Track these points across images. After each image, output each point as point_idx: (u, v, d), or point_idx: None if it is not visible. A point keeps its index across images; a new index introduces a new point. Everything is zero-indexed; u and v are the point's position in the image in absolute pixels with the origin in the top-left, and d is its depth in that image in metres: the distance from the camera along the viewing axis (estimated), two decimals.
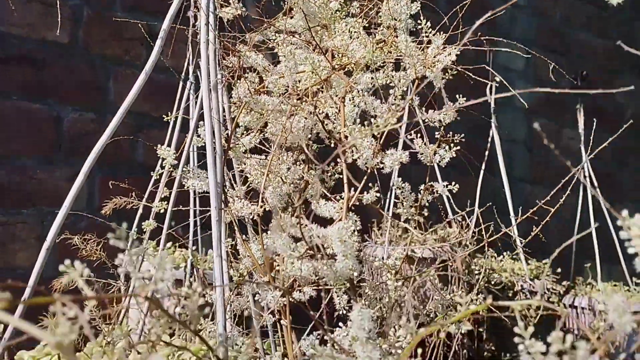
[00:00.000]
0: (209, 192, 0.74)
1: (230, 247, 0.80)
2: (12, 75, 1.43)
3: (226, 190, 0.80)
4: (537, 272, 1.77)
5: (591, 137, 1.77)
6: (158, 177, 1.02)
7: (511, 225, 1.42)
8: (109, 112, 1.54)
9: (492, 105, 1.86)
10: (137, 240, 1.05)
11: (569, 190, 1.40)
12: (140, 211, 1.08)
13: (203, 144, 0.88)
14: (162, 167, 1.01)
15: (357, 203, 0.65)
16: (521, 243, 1.60)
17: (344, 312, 0.56)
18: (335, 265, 0.53)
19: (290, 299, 0.60)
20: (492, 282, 1.67)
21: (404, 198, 0.68)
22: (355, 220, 0.61)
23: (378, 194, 0.67)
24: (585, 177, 1.95)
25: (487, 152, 1.80)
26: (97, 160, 0.87)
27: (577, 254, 1.97)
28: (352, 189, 0.66)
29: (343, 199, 0.62)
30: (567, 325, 1.91)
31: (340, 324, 0.52)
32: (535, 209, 1.27)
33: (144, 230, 0.98)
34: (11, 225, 1.38)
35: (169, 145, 1.04)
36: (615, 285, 1.90)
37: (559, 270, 1.79)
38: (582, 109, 1.97)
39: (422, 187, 0.72)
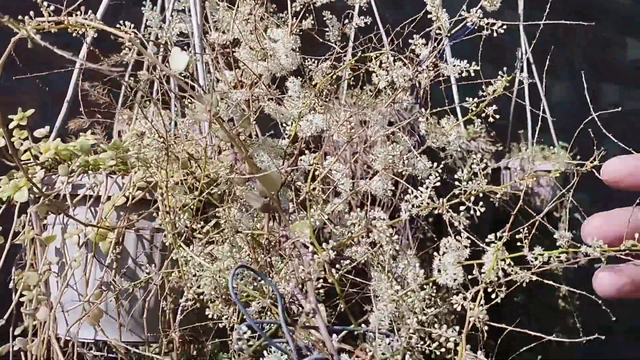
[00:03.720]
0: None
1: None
2: None
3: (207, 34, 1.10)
4: (475, 135, 2.13)
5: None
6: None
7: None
8: None
9: None
10: None
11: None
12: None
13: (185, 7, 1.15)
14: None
15: None
16: (462, 111, 1.92)
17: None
18: (281, 61, 0.87)
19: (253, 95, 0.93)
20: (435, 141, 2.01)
21: (332, 26, 0.99)
22: (296, 40, 0.94)
23: (313, 21, 0.98)
24: (522, 54, 2.27)
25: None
26: None
27: (514, 124, 2.34)
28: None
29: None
30: (502, 181, 2.28)
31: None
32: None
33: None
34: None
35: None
36: (543, 149, 2.28)
37: (492, 133, 2.14)
38: None
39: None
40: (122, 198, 0.86)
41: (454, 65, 0.67)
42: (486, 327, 0.53)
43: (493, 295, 0.57)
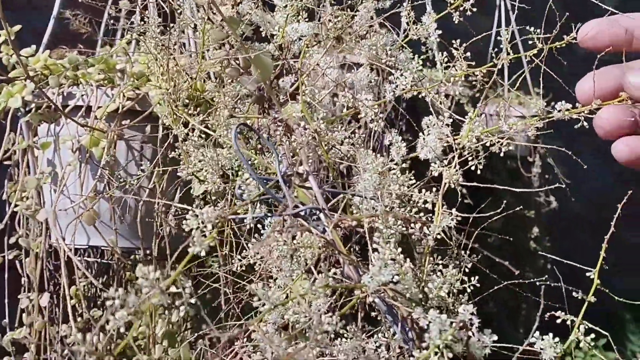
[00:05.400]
0: None
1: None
2: None
3: None
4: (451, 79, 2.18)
5: None
6: None
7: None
8: None
9: None
10: None
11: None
12: None
13: None
14: None
15: None
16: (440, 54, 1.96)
17: None
18: None
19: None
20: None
21: None
22: None
23: None
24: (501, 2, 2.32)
25: None
26: None
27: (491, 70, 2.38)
28: None
29: None
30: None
31: None
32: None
33: None
34: None
35: None
36: (518, 95, 2.35)
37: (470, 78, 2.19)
38: None
39: None
40: (112, 105, 0.90)
41: None
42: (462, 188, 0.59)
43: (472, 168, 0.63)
